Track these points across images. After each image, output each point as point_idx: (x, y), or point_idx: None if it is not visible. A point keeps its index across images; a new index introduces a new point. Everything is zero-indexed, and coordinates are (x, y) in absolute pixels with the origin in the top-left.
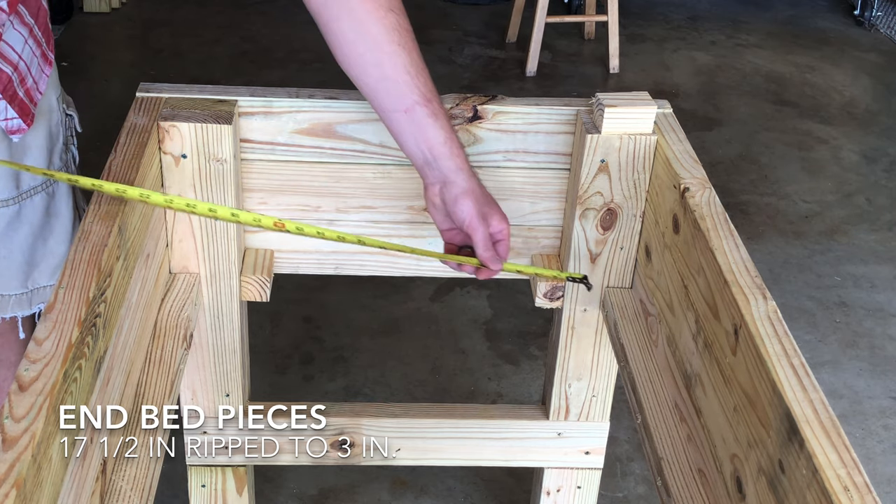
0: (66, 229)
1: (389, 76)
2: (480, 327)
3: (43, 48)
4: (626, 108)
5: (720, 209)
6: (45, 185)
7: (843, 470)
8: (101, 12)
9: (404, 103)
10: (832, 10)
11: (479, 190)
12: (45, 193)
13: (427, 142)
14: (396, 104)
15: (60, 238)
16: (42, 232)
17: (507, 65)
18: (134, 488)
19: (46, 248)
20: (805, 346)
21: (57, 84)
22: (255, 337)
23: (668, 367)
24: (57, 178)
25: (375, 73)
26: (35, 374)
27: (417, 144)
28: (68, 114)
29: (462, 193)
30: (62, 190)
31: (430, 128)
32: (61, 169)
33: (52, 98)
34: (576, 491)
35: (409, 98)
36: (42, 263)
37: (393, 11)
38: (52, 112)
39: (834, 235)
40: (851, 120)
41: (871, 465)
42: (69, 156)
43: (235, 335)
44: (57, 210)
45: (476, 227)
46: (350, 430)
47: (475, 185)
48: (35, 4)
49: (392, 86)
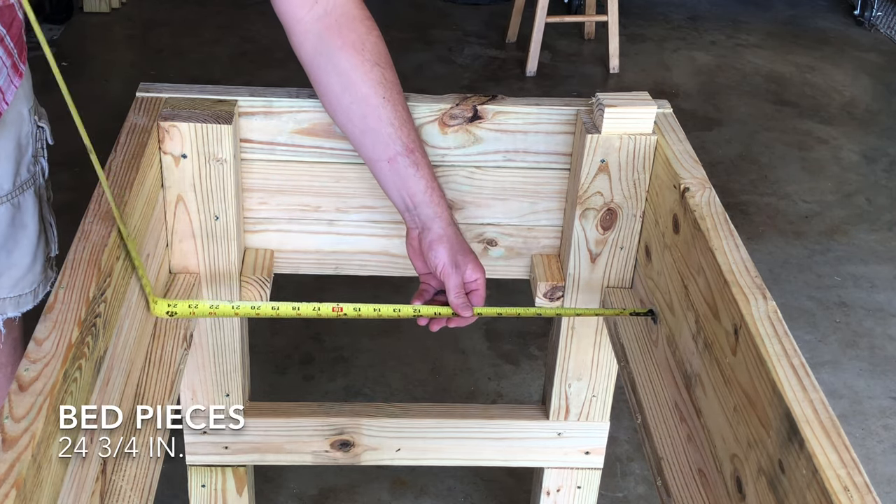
0: (32, 241)
1: (373, 128)
2: (480, 327)
3: (14, 59)
4: (626, 108)
5: (720, 209)
6: (10, 195)
7: (843, 470)
8: (101, 12)
9: (387, 154)
10: (832, 10)
11: (455, 238)
12: (9, 204)
13: (408, 190)
14: (380, 154)
15: (25, 250)
16: (6, 244)
17: (507, 65)
18: (134, 488)
19: (11, 260)
20: (805, 346)
21: (30, 96)
22: (255, 337)
23: (668, 367)
24: None
25: (360, 125)
26: (35, 374)
27: (399, 192)
28: (40, 126)
29: (437, 240)
30: (28, 201)
31: (412, 178)
32: (28, 180)
33: (22, 109)
34: (576, 491)
35: (392, 149)
36: (4, 275)
37: (379, 65)
38: (21, 123)
39: (834, 235)
40: (851, 120)
41: (871, 465)
42: (38, 168)
43: (235, 335)
44: (22, 222)
45: (449, 273)
46: (350, 430)
47: (452, 234)
48: (9, 15)
49: (376, 137)
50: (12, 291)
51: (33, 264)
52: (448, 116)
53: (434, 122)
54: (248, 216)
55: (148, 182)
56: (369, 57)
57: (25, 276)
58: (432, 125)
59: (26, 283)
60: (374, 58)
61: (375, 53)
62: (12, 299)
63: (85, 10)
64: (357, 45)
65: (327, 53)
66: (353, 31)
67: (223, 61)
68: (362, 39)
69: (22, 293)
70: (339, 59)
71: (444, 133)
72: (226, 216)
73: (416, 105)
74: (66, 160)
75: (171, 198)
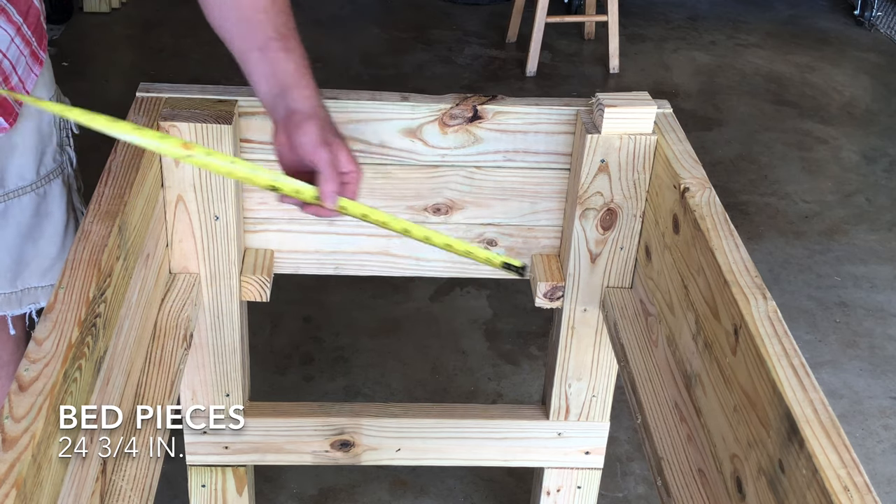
0: (59, 231)
1: (247, 17)
2: (480, 327)
3: (32, 47)
4: (626, 108)
5: (720, 209)
6: (34, 185)
7: (843, 470)
8: (101, 12)
9: (258, 40)
10: (832, 10)
11: (326, 119)
12: (34, 194)
13: (277, 75)
14: (251, 43)
15: (52, 240)
16: (31, 233)
17: (507, 65)
18: (134, 488)
19: (37, 249)
20: (805, 346)
21: (50, 84)
22: (255, 337)
23: (668, 367)
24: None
25: (233, 16)
26: (35, 374)
27: (268, 80)
28: None
29: (306, 118)
30: (55, 191)
31: (282, 61)
32: (54, 170)
33: (43, 98)
34: (576, 491)
35: (263, 35)
36: (32, 264)
37: None
38: (42, 112)
39: (834, 235)
40: (851, 120)
41: (871, 465)
42: (65, 157)
43: (235, 335)
44: (48, 211)
45: (319, 153)
46: (350, 430)
47: (323, 115)
48: (25, 3)
49: (248, 26)
50: (42, 281)
51: (62, 253)
52: (448, 116)
53: (434, 122)
54: (248, 216)
55: (148, 182)
56: None
57: (54, 265)
58: (432, 125)
59: (55, 273)
60: None
61: None
62: (44, 289)
63: (85, 10)
64: None
65: None
66: None
67: (223, 61)
68: None
69: (53, 283)
70: None
71: (444, 133)
72: (226, 216)
73: (416, 105)
74: None
75: (171, 198)
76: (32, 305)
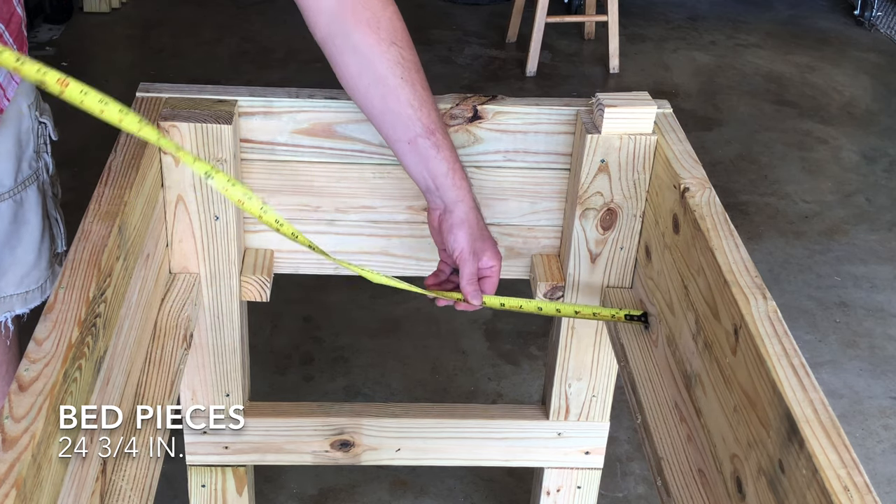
0: (35, 238)
1: (393, 109)
2: (480, 327)
3: None
4: (626, 108)
5: (720, 209)
6: (11, 192)
7: (843, 470)
8: (101, 12)
9: (407, 135)
10: (832, 10)
11: (476, 223)
12: (12, 201)
13: (430, 171)
14: (400, 135)
15: (29, 247)
16: (9, 240)
17: (507, 65)
18: (134, 488)
19: (14, 257)
20: (805, 346)
21: (31, 91)
22: (255, 337)
23: (668, 367)
24: None
25: (380, 106)
26: (35, 374)
27: (420, 173)
28: (41, 121)
29: (458, 224)
30: (31, 198)
31: (433, 159)
32: (30, 176)
33: (21, 105)
34: (576, 491)
35: (412, 130)
36: (9, 272)
37: (396, 44)
38: (21, 119)
39: (834, 235)
40: (851, 120)
41: (871, 465)
42: (41, 163)
43: (235, 335)
44: (25, 218)
45: (465, 259)
46: (350, 430)
47: (473, 219)
48: (7, 10)
49: (395, 118)
50: (19, 288)
51: (38, 260)
52: (448, 116)
53: None
54: (248, 216)
55: (148, 182)
56: (385, 36)
57: (31, 272)
58: None
59: (32, 280)
60: (390, 36)
61: (391, 31)
62: (19, 296)
63: (85, 10)
64: (372, 23)
65: (342, 33)
66: (367, 7)
67: (223, 61)
68: (377, 17)
69: (28, 289)
70: (354, 38)
71: None
72: (226, 216)
73: None
74: (66, 160)
75: (171, 198)
76: (8, 313)
